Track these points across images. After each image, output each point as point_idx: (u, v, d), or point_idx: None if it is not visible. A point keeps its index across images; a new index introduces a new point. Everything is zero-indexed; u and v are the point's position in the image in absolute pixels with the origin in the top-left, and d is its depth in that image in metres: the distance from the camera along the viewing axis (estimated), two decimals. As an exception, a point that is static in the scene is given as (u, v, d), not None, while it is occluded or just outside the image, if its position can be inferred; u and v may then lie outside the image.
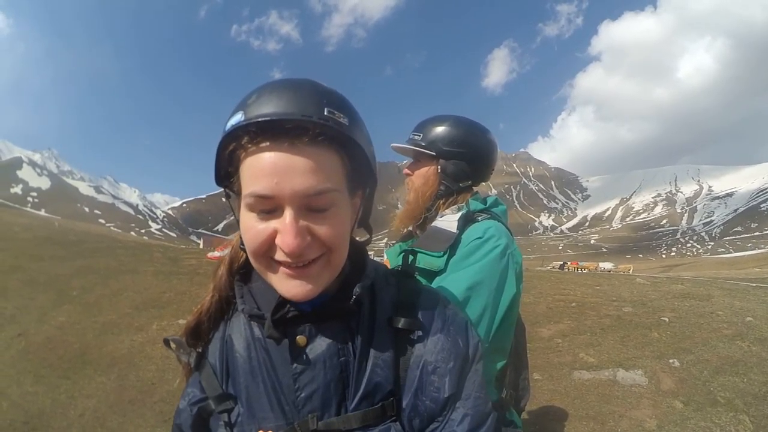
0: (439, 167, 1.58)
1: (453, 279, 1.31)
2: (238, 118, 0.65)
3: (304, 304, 0.74)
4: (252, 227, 0.68)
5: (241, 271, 0.85)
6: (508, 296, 1.33)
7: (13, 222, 24.71)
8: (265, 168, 0.64)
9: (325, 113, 0.64)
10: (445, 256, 1.39)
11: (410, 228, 1.63)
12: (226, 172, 0.72)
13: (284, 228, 0.65)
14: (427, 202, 1.58)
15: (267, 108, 0.63)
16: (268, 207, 0.66)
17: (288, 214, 0.65)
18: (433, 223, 1.53)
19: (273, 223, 0.66)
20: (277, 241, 0.66)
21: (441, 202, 1.58)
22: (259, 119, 0.63)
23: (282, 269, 0.69)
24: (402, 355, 0.78)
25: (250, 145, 0.66)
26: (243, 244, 0.75)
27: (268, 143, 0.64)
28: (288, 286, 0.70)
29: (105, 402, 4.65)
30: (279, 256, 0.68)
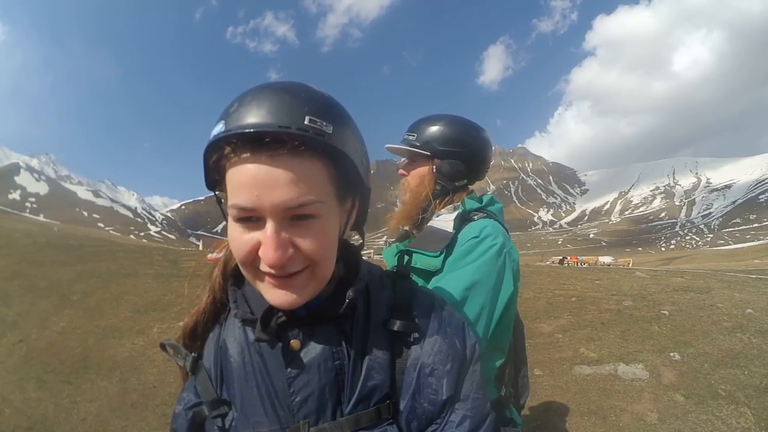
0: (434, 167, 1.58)
1: (450, 279, 1.31)
2: (220, 128, 0.64)
3: (298, 308, 0.74)
4: (237, 238, 0.68)
5: (235, 274, 0.85)
6: (506, 295, 1.33)
7: (13, 228, 24.67)
8: (246, 180, 0.63)
9: (306, 122, 0.62)
10: (442, 256, 1.39)
11: (407, 228, 1.63)
12: (215, 179, 0.71)
13: (265, 241, 0.65)
14: (423, 203, 1.57)
15: (247, 118, 0.62)
16: (252, 218, 0.66)
17: (269, 226, 0.65)
18: (430, 223, 1.53)
19: (256, 235, 0.66)
20: (260, 253, 0.66)
21: (437, 201, 1.57)
22: (237, 131, 0.62)
23: (267, 279, 0.69)
24: (398, 358, 0.78)
25: (232, 156, 0.65)
26: None
27: (248, 154, 0.63)
28: (273, 295, 0.70)
29: (107, 406, 4.64)
30: (263, 266, 0.67)
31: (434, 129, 1.58)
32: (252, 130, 0.61)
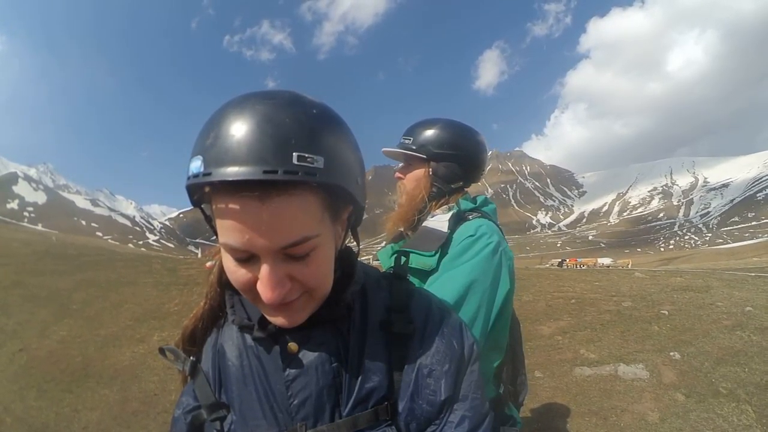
0: (430, 170, 1.59)
1: (447, 278, 1.32)
2: (197, 166, 0.59)
3: None
4: (233, 271, 0.67)
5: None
6: (503, 293, 1.34)
7: (12, 237, 24.62)
8: (233, 224, 0.60)
9: (295, 161, 0.57)
10: (437, 255, 1.39)
11: (402, 229, 1.64)
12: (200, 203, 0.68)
13: (262, 280, 0.64)
14: (419, 205, 1.58)
15: (226, 161, 0.56)
16: (244, 257, 0.64)
17: (264, 267, 0.63)
18: (424, 223, 1.54)
19: (252, 270, 0.65)
20: (258, 289, 0.65)
21: (433, 204, 1.59)
22: (218, 178, 0.56)
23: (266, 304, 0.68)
24: (396, 359, 0.78)
25: (214, 195, 0.62)
26: None
27: (234, 204, 0.59)
28: (273, 317, 0.71)
29: (108, 414, 4.64)
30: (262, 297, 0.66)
31: (430, 132, 1.59)
32: (233, 179, 0.56)
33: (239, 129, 0.58)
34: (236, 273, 0.66)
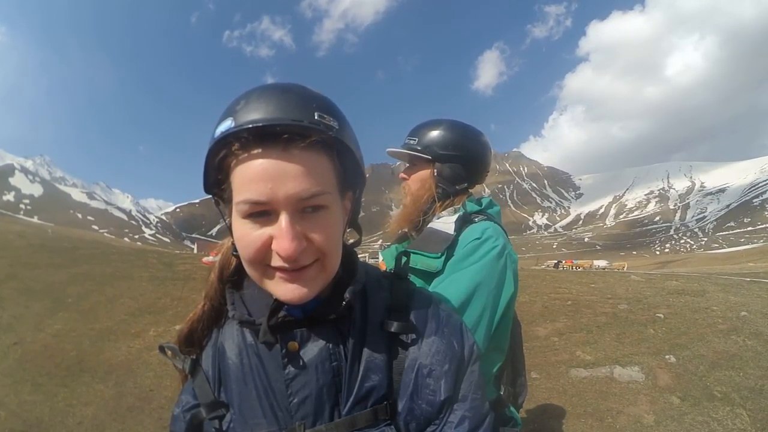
0: (435, 171, 1.60)
1: (453, 280, 1.32)
2: (228, 124, 0.64)
3: (296, 310, 0.75)
4: (246, 235, 0.67)
5: (233, 278, 0.84)
6: (507, 296, 1.35)
7: (7, 230, 24.53)
8: (257, 174, 0.64)
9: (316, 117, 0.64)
10: (443, 258, 1.39)
11: (406, 230, 1.64)
12: (216, 180, 0.71)
13: (280, 233, 0.65)
14: (424, 206, 1.59)
15: (257, 114, 0.63)
16: (263, 213, 0.66)
17: (283, 218, 0.65)
18: (430, 225, 1.54)
19: (268, 230, 0.66)
20: (274, 246, 0.66)
21: (438, 204, 1.59)
22: (250, 125, 0.62)
23: (278, 274, 0.69)
24: (396, 359, 0.78)
25: (240, 152, 0.65)
26: (235, 251, 0.74)
27: (259, 150, 0.64)
28: (284, 289, 0.69)
29: (103, 409, 4.62)
30: (275, 261, 0.67)
31: (435, 133, 1.60)
32: (266, 123, 0.62)
33: (268, 95, 0.66)
34: (250, 236, 0.67)
